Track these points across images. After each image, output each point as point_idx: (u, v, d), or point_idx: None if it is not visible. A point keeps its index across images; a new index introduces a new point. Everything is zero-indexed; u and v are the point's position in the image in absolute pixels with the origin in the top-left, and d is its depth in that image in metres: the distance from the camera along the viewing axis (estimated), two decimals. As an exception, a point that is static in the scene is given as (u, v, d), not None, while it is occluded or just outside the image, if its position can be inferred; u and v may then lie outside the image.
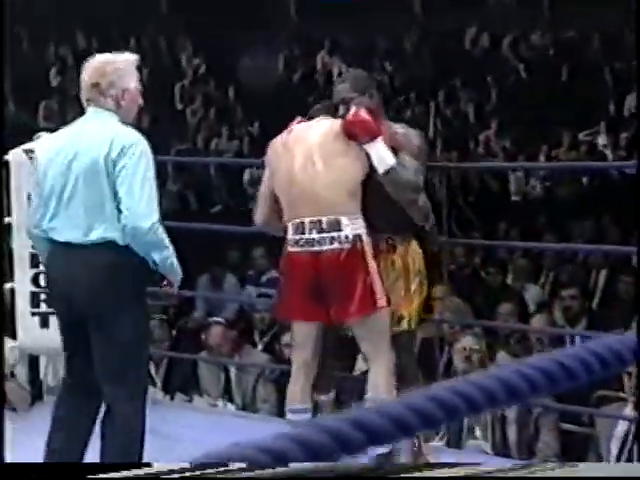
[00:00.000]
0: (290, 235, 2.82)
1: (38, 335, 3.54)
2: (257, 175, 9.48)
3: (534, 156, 8.24)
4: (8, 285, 3.76)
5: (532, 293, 5.84)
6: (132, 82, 2.63)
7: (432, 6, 10.82)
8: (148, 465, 2.58)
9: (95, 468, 1.90)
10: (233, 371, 4.26)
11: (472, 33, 10.52)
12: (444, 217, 3.33)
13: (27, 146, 3.47)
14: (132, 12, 10.97)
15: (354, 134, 2.77)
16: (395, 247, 2.91)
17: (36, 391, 3.59)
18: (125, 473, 1.85)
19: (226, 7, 10.71)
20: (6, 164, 3.54)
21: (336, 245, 2.76)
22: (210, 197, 8.99)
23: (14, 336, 3.69)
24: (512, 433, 3.49)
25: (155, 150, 2.65)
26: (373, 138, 2.76)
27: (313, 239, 2.78)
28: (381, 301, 2.79)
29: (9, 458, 2.77)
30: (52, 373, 3.71)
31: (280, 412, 4.10)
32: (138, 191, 2.48)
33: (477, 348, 3.74)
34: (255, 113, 10.05)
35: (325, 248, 2.77)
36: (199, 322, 5.59)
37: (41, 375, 3.62)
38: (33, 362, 3.73)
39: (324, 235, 2.77)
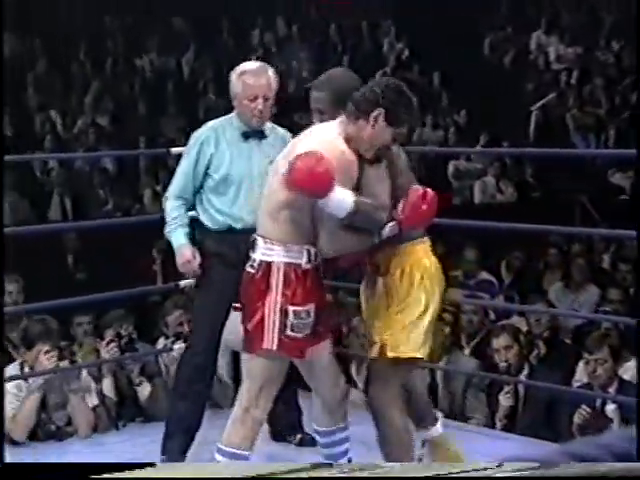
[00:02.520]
0: None
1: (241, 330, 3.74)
2: (463, 167, 9.50)
3: None
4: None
5: None
6: (237, 89, 3.24)
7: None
8: (151, 465, 2.72)
9: (98, 468, 2.05)
10: (439, 375, 4.31)
11: None
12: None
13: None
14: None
15: (303, 191, 2.57)
16: (378, 267, 2.82)
17: (237, 387, 3.77)
18: (128, 473, 1.98)
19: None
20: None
21: (248, 267, 2.71)
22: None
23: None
24: None
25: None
26: (325, 193, 2.53)
27: (249, 257, 2.75)
28: (264, 343, 2.67)
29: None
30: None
31: (492, 423, 4.14)
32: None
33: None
34: (462, 101, 10.07)
35: (246, 268, 2.73)
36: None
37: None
38: (237, 358, 3.93)
39: (250, 254, 2.73)
